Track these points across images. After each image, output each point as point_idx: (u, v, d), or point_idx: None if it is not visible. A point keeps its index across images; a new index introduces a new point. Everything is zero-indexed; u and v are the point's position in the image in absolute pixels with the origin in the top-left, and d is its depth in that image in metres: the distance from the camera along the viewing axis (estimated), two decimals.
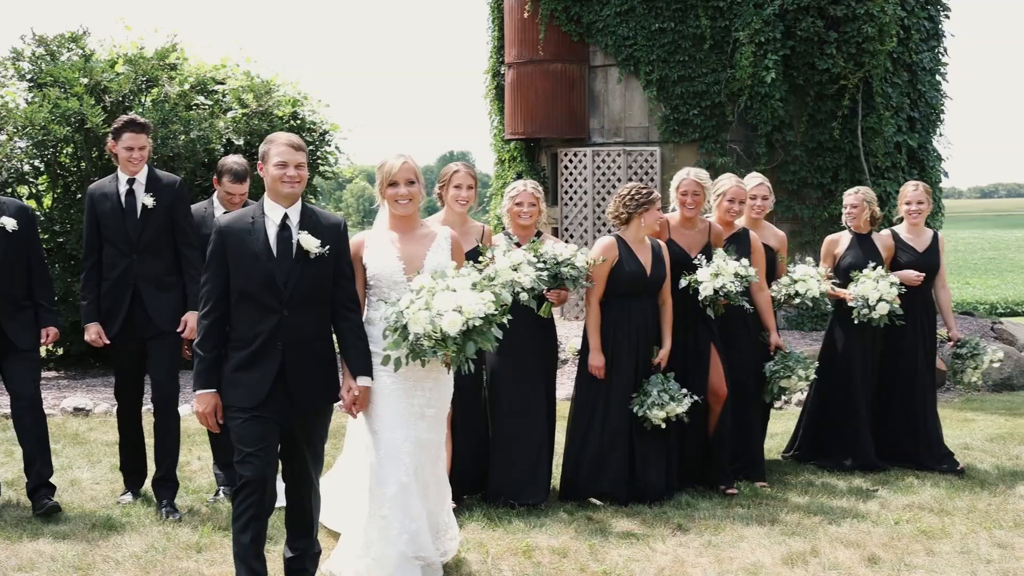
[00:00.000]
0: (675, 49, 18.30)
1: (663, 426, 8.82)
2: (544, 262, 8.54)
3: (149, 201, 8.62)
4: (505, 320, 6.60)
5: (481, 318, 6.42)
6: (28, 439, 8.59)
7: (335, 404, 6.75)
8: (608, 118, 19.01)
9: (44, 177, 15.72)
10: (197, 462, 10.27)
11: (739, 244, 9.56)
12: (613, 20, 18.49)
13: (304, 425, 6.58)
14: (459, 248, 7.21)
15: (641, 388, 8.89)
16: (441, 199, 8.67)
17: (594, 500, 8.94)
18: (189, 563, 7.44)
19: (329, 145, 16.90)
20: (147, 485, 9.06)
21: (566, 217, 18.81)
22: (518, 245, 8.76)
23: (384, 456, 6.90)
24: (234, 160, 9.06)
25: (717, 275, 9.00)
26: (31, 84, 15.67)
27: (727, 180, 9.81)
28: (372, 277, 6.97)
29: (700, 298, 9.09)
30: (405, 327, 6.46)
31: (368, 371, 6.73)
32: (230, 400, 6.43)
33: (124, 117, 8.74)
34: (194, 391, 6.47)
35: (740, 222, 9.86)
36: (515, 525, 8.26)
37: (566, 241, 16.74)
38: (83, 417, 12.55)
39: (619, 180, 18.63)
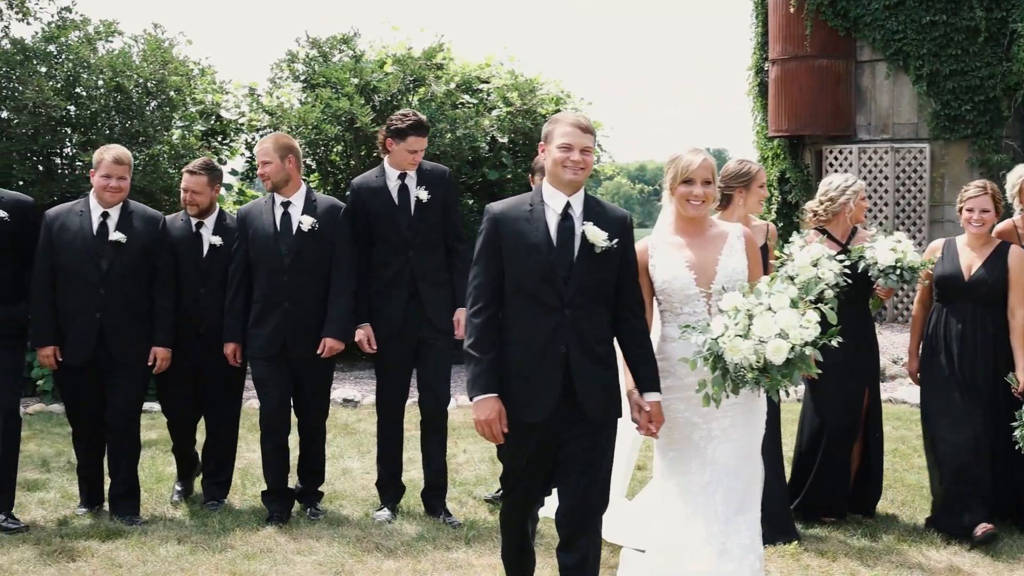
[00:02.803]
0: (947, 42, 17.76)
1: None
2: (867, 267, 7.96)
3: (424, 195, 8.29)
4: (835, 342, 5.73)
5: (808, 343, 5.63)
6: (303, 450, 8.60)
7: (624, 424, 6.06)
8: (875, 114, 18.56)
9: (316, 175, 16.22)
10: (463, 455, 10.41)
11: None
12: (882, 14, 18.05)
13: (587, 438, 5.83)
14: (754, 246, 6.26)
15: (1018, 415, 7.71)
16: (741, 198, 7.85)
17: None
18: (459, 554, 7.54)
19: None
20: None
21: None
22: (836, 241, 8.17)
23: (677, 489, 6.15)
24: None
25: None
26: (304, 85, 16.21)
27: None
28: (661, 291, 6.12)
29: None
30: (720, 357, 5.66)
31: (655, 386, 5.91)
32: (508, 411, 5.77)
33: (410, 117, 8.29)
34: (471, 398, 5.78)
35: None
36: None
37: None
38: (352, 408, 12.90)
39: (886, 178, 18.16)
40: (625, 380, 6.02)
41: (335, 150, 15.82)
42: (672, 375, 6.06)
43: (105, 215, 8.24)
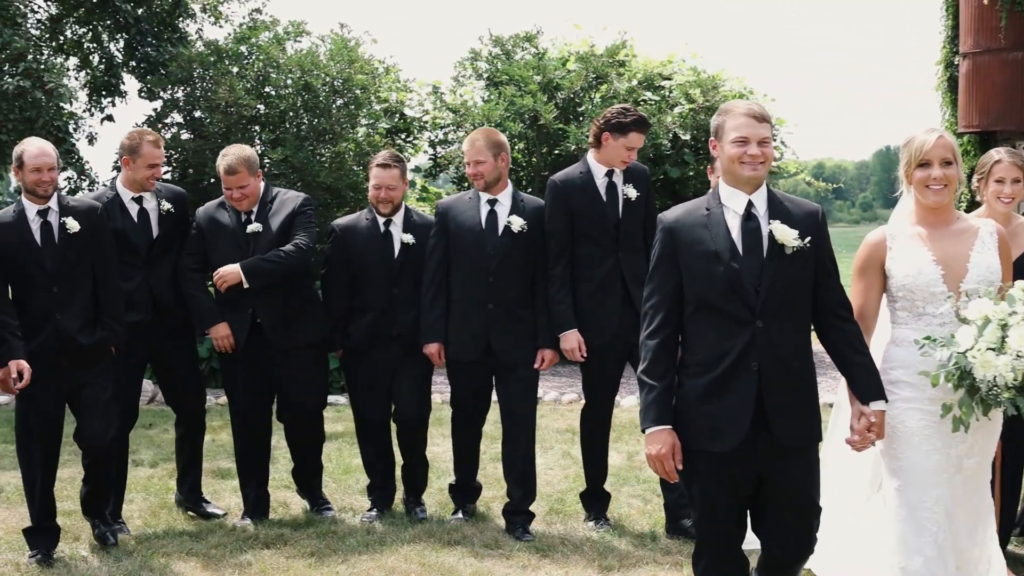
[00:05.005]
0: None
1: None
2: None
3: (632, 193, 7.86)
4: None
5: None
6: (513, 465, 8.02)
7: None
8: None
9: None
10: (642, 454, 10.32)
11: None
12: None
13: (786, 469, 5.21)
14: (1006, 245, 5.65)
15: None
16: (978, 193, 7.22)
17: None
18: (644, 551, 7.50)
19: (775, 140, 16.73)
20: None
21: None
22: None
23: (908, 520, 5.50)
24: None
25: None
26: (487, 83, 16.37)
27: None
28: (901, 287, 5.54)
29: None
30: (968, 373, 5.06)
31: (881, 393, 5.29)
32: (691, 441, 5.18)
33: (633, 113, 7.83)
34: (643, 429, 5.25)
35: None
36: None
37: None
38: None
39: None
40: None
41: (517, 147, 15.90)
42: (911, 385, 5.49)
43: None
